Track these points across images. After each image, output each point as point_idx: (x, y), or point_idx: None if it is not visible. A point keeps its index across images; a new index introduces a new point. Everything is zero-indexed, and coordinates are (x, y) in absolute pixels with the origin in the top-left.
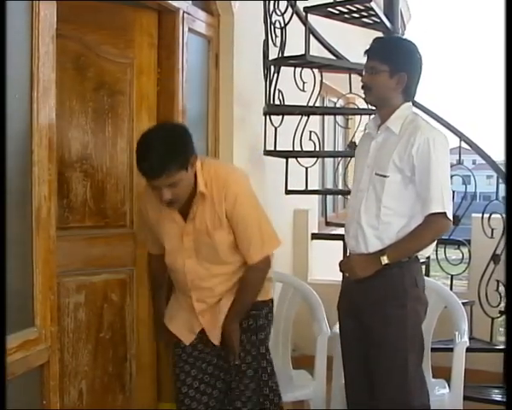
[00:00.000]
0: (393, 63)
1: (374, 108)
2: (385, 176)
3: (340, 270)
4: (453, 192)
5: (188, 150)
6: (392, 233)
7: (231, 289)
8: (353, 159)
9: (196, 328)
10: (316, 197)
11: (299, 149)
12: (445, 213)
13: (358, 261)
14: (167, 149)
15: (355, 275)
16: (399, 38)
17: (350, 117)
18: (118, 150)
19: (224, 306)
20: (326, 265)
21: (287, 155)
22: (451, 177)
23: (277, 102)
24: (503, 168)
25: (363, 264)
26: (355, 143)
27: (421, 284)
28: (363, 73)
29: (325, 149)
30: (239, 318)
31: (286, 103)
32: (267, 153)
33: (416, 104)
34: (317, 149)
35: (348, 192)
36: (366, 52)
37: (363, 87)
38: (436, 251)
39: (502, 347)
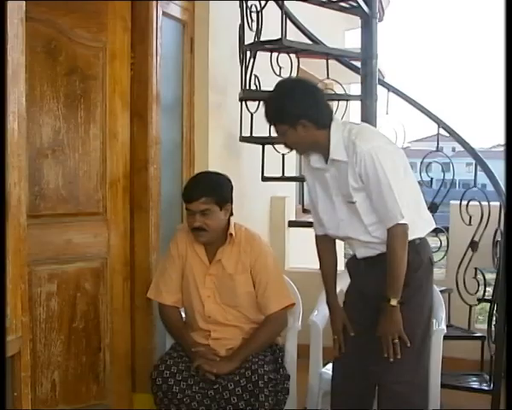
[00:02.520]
0: (288, 119)
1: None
2: (353, 202)
3: (380, 334)
4: (431, 179)
5: (226, 193)
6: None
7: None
8: None
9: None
10: (293, 184)
11: (276, 136)
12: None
13: (389, 317)
14: (210, 182)
15: (393, 328)
16: (280, 88)
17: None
18: (90, 136)
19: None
20: (303, 253)
21: (263, 141)
22: (430, 164)
23: (253, 88)
24: (481, 156)
25: (391, 316)
26: None
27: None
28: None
29: None
30: (240, 360)
31: (262, 89)
32: (243, 139)
33: (393, 90)
34: None
35: None
36: (266, 121)
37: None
38: None
39: (480, 334)
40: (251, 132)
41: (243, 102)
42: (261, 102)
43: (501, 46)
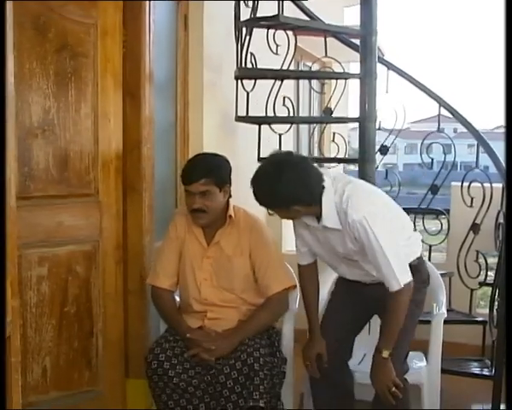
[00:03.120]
0: (282, 205)
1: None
2: (354, 260)
3: (375, 380)
4: (432, 160)
5: (225, 175)
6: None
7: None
8: (328, 125)
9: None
10: None
11: (273, 115)
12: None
13: (382, 369)
14: (209, 164)
15: (387, 379)
16: (275, 175)
17: (325, 82)
18: (82, 116)
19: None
20: None
21: (259, 121)
22: (430, 145)
23: (249, 66)
24: (484, 137)
25: (383, 368)
26: (331, 108)
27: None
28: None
29: (300, 115)
30: (238, 340)
31: (258, 67)
32: (239, 119)
33: (393, 68)
34: (292, 114)
35: (324, 160)
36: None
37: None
38: (414, 222)
39: (481, 319)
40: (247, 112)
41: (239, 81)
42: (257, 81)
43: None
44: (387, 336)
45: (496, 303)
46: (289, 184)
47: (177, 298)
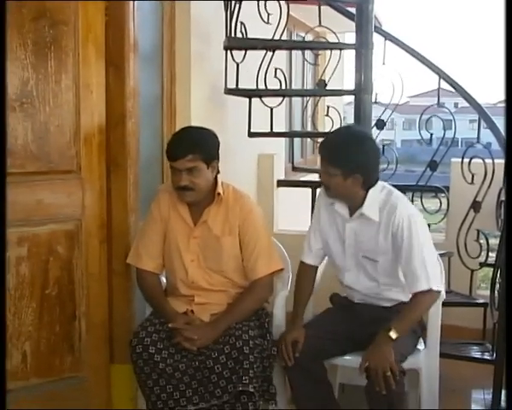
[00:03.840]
0: (346, 167)
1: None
2: (375, 260)
3: (368, 369)
4: (431, 135)
5: (213, 150)
6: (396, 296)
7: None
8: (322, 98)
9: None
10: (282, 141)
11: (264, 88)
12: (430, 288)
13: (375, 353)
14: (196, 138)
15: (386, 360)
16: (352, 136)
17: (319, 53)
18: (62, 88)
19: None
20: (293, 214)
21: (250, 93)
22: (430, 118)
23: (239, 36)
24: (487, 112)
25: (385, 347)
26: (324, 81)
27: None
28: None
29: (292, 88)
30: (223, 328)
31: (249, 37)
32: (228, 91)
33: (390, 38)
34: (284, 87)
35: (316, 134)
36: (319, 150)
37: (320, 183)
38: (412, 200)
39: (482, 301)
40: (237, 84)
41: (228, 52)
42: (248, 52)
43: None
44: (401, 320)
45: (497, 285)
46: (365, 154)
47: (164, 280)
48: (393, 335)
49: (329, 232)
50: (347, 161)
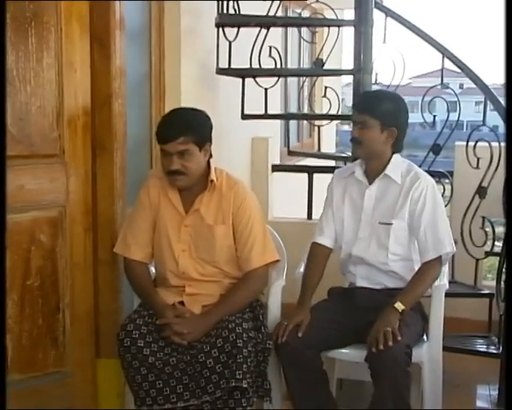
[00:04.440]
0: (384, 118)
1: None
2: (390, 224)
3: (371, 347)
4: (434, 118)
5: (205, 132)
6: (400, 272)
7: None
8: (320, 79)
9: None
10: (277, 123)
11: (258, 67)
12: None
13: (388, 315)
14: (187, 120)
15: (392, 323)
16: (388, 93)
17: (317, 30)
18: (44, 66)
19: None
20: (288, 201)
21: (243, 73)
22: (433, 99)
23: (232, 12)
24: (494, 93)
25: (390, 315)
26: (322, 60)
27: None
28: (352, 126)
29: (288, 67)
30: (214, 322)
31: (242, 13)
32: (220, 71)
33: (392, 15)
34: (279, 66)
35: (313, 117)
36: (355, 106)
37: (352, 140)
38: None
39: (487, 291)
40: (229, 63)
41: (220, 29)
42: (241, 29)
43: None
44: (408, 292)
45: (504, 275)
46: (406, 112)
47: (153, 270)
48: (399, 306)
49: (344, 208)
50: (387, 112)
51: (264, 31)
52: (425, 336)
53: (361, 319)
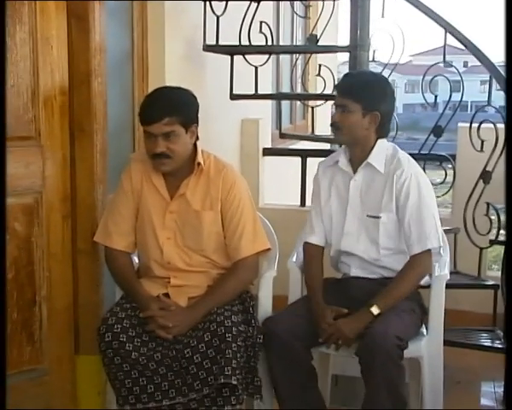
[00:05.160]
0: (366, 102)
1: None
2: (378, 217)
3: (325, 339)
4: (436, 98)
5: (192, 112)
6: (394, 266)
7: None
8: (314, 56)
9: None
10: (268, 104)
11: (248, 44)
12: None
13: (347, 323)
14: (173, 99)
15: (346, 339)
16: (372, 74)
17: (310, 4)
18: (17, 42)
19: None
20: (281, 186)
21: (232, 50)
22: (434, 77)
23: None
24: (501, 71)
25: (353, 324)
26: (316, 36)
27: None
28: (333, 111)
29: (280, 44)
30: (201, 314)
31: None
32: (208, 48)
33: None
34: (270, 43)
35: (307, 97)
36: (336, 88)
37: (332, 125)
38: None
39: (492, 283)
40: (217, 40)
41: (207, 3)
42: (229, 2)
43: None
44: (388, 293)
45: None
46: (392, 94)
47: (136, 260)
48: (375, 310)
49: (331, 201)
50: (369, 95)
51: (254, 4)
52: (424, 330)
53: (357, 310)
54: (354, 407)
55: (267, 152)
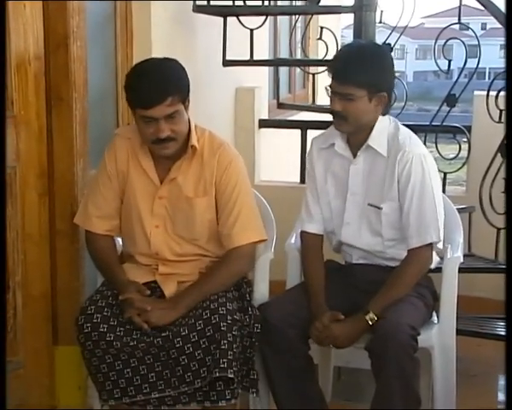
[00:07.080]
0: (371, 85)
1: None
2: (379, 208)
3: (317, 341)
4: (450, 63)
5: (187, 86)
6: (400, 255)
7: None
8: (315, 18)
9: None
10: (265, 71)
11: (242, 4)
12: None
13: (341, 330)
14: (170, 75)
15: (341, 345)
16: (371, 49)
17: None
18: None
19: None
20: (279, 162)
21: (225, 11)
22: (448, 41)
23: None
24: None
25: (347, 331)
26: None
27: None
28: (332, 97)
29: (277, 4)
30: (188, 306)
31: None
32: (198, 9)
33: None
34: (267, 3)
35: (308, 63)
36: (332, 73)
37: (332, 114)
38: (425, 142)
39: None
40: (208, 0)
41: None
42: None
43: None
44: (382, 298)
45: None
46: (391, 68)
47: (120, 242)
48: (370, 318)
49: (328, 189)
50: (374, 76)
51: None
52: (435, 318)
53: (361, 299)
54: (359, 402)
55: (263, 124)
